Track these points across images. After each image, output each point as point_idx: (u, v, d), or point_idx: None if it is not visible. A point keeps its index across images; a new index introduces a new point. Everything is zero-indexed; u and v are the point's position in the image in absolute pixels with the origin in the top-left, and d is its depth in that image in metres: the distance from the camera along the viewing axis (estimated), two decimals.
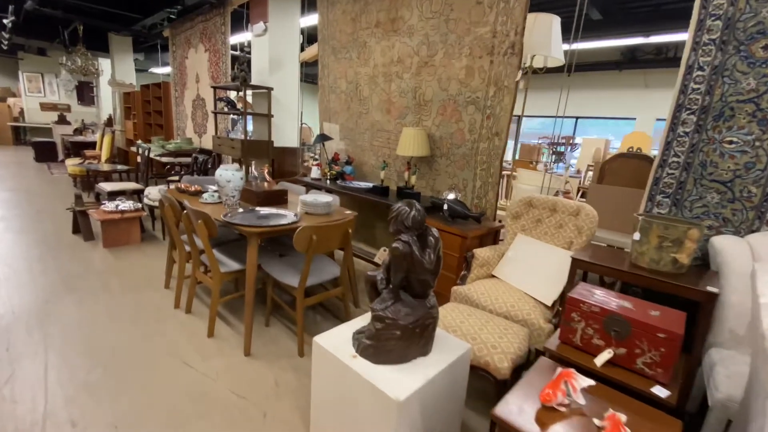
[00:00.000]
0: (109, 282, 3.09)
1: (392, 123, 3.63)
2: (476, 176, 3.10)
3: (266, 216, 2.44)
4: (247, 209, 2.54)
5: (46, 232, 4.19)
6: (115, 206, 3.93)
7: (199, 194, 2.92)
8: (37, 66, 11.85)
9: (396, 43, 3.44)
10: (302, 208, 2.65)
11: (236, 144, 4.48)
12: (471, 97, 3.01)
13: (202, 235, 2.25)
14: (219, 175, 2.49)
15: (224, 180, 2.49)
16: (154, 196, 4.08)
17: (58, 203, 5.43)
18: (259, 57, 4.74)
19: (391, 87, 3.56)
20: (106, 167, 5.82)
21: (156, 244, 4.04)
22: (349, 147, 4.19)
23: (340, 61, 4.02)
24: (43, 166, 8.80)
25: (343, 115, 4.14)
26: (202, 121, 6.44)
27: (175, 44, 6.99)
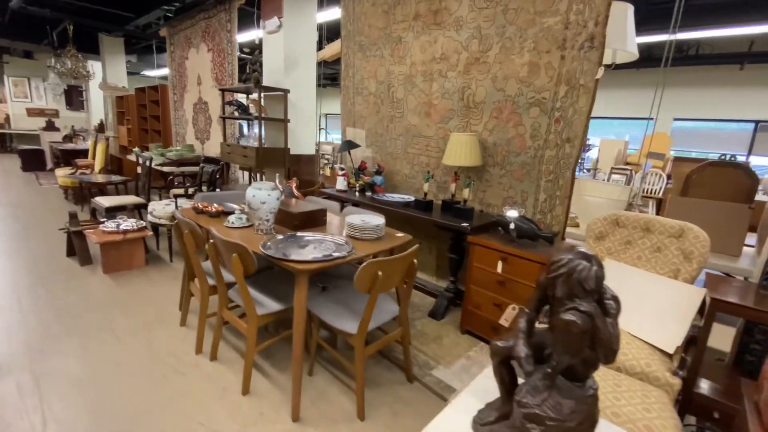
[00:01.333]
0: (113, 318, 2.63)
1: (433, 128, 3.21)
2: (539, 188, 2.69)
3: (311, 244, 2.01)
4: (286, 236, 2.11)
5: (37, 255, 3.70)
6: (116, 225, 3.45)
7: (220, 215, 2.48)
8: (23, 70, 11.24)
9: (439, 37, 3.03)
10: (347, 231, 2.22)
11: (249, 152, 4.03)
12: (535, 98, 2.61)
13: (236, 272, 1.81)
14: (252, 196, 2.05)
15: (258, 201, 2.05)
16: (160, 212, 3.62)
17: (48, 219, 4.93)
18: (273, 56, 4.29)
19: (432, 87, 3.14)
20: (101, 178, 5.33)
21: (163, 268, 3.57)
22: (377, 155, 3.76)
23: (368, 59, 3.60)
24: (31, 175, 8.24)
25: (371, 119, 3.71)
26: (204, 127, 5.97)
27: (174, 44, 6.51)
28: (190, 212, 2.55)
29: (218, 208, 2.49)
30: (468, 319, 2.64)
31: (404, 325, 2.06)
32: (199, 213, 2.52)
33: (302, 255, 1.82)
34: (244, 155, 4.12)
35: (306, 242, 2.04)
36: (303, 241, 2.06)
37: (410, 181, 3.50)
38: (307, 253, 1.87)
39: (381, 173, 3.55)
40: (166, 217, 3.61)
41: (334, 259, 1.78)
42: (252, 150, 4.00)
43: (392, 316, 2.02)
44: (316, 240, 2.09)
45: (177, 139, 6.85)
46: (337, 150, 3.71)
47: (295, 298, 1.78)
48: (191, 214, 2.51)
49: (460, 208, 2.75)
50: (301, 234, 2.15)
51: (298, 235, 2.14)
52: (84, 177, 5.18)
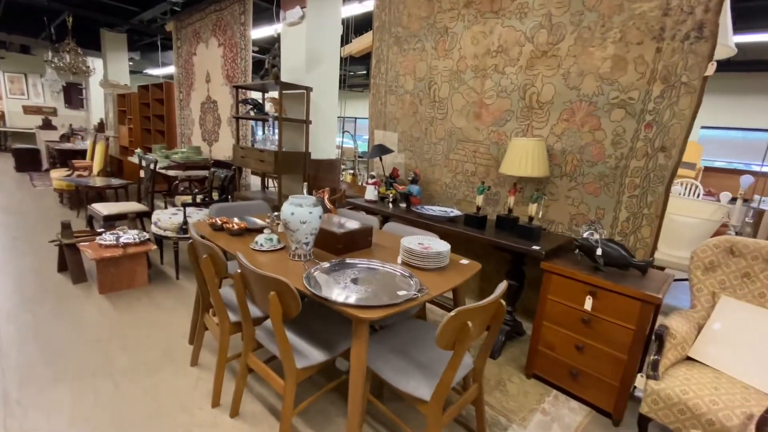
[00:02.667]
0: (111, 355, 2.18)
1: (483, 131, 2.79)
2: (620, 205, 2.27)
3: (365, 276, 1.57)
4: (332, 263, 1.67)
5: (24, 270, 3.25)
6: (115, 238, 3.01)
7: (244, 234, 2.05)
8: (20, 65, 10.82)
9: (496, 27, 2.62)
10: (403, 258, 1.79)
11: (267, 156, 3.60)
12: (619, 98, 2.19)
13: (274, 316, 1.37)
14: (290, 214, 1.62)
15: (296, 221, 1.62)
16: (165, 223, 3.18)
17: (40, 227, 4.48)
18: (293, 50, 3.87)
19: (485, 85, 2.72)
20: (99, 182, 4.89)
21: (168, 287, 3.12)
22: (410, 161, 3.34)
23: (405, 53, 3.18)
24: (25, 176, 7.79)
25: (406, 121, 3.29)
26: (213, 128, 5.54)
27: (181, 39, 6.10)
28: (205, 228, 2.11)
29: (240, 225, 2.05)
30: (537, 361, 2.20)
31: (480, 382, 1.62)
32: (217, 230, 2.09)
33: (359, 294, 1.39)
34: (261, 159, 3.69)
35: (358, 273, 1.61)
36: (353, 271, 1.63)
37: (450, 192, 3.08)
38: (364, 290, 1.44)
39: (417, 182, 3.12)
40: (172, 229, 3.17)
41: (404, 302, 1.35)
42: (270, 154, 3.56)
43: (466, 371, 1.58)
44: (370, 270, 1.65)
45: (182, 140, 6.42)
46: (367, 155, 3.29)
47: (354, 354, 1.35)
48: (207, 230, 2.08)
49: (526, 226, 2.32)
50: (350, 261, 1.72)
51: (347, 262, 1.70)
52: (81, 180, 4.74)
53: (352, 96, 13.79)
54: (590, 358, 1.98)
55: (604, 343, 1.92)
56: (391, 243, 2.11)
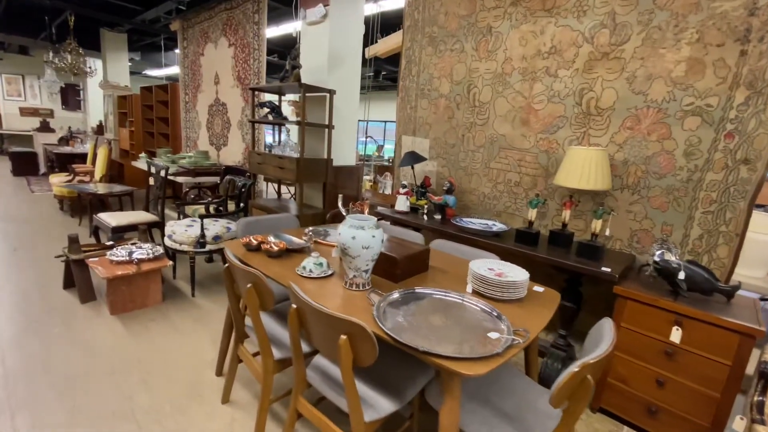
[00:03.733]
0: (130, 391, 1.94)
1: (531, 138, 2.58)
2: (692, 221, 2.06)
3: (441, 311, 1.35)
4: (402, 293, 1.45)
5: (27, 286, 3.00)
6: (128, 253, 2.77)
7: (284, 255, 1.82)
8: (17, 66, 10.53)
9: (548, 27, 2.41)
10: (474, 286, 1.57)
11: (287, 163, 3.38)
12: (694, 104, 1.99)
13: (344, 362, 1.15)
14: (349, 239, 1.40)
15: (358, 246, 1.40)
16: (181, 237, 2.94)
17: (41, 237, 4.22)
18: (314, 51, 3.66)
19: (534, 89, 2.52)
20: (102, 188, 4.63)
21: (184, 305, 2.89)
22: (443, 169, 3.13)
23: (441, 54, 2.97)
24: (22, 181, 7.50)
25: (440, 126, 3.08)
26: (222, 131, 5.30)
27: (187, 39, 5.86)
28: (238, 248, 1.88)
29: (280, 245, 1.82)
30: (605, 393, 1.99)
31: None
32: (252, 250, 1.86)
33: (445, 337, 1.17)
34: (280, 167, 3.46)
35: (433, 307, 1.39)
36: (427, 304, 1.41)
37: (489, 203, 2.87)
38: (447, 331, 1.22)
39: (452, 192, 2.91)
40: (188, 243, 2.93)
41: (506, 350, 1.13)
42: (291, 161, 3.34)
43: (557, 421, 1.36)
44: (444, 302, 1.43)
45: (187, 144, 6.17)
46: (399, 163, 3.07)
47: (444, 414, 1.12)
48: (240, 250, 1.85)
49: (587, 244, 2.11)
50: (420, 291, 1.50)
51: (416, 292, 1.48)
52: (83, 187, 4.48)
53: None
54: (673, 395, 1.77)
55: (691, 379, 1.72)
56: (446, 265, 1.89)
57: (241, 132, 4.91)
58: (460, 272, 1.80)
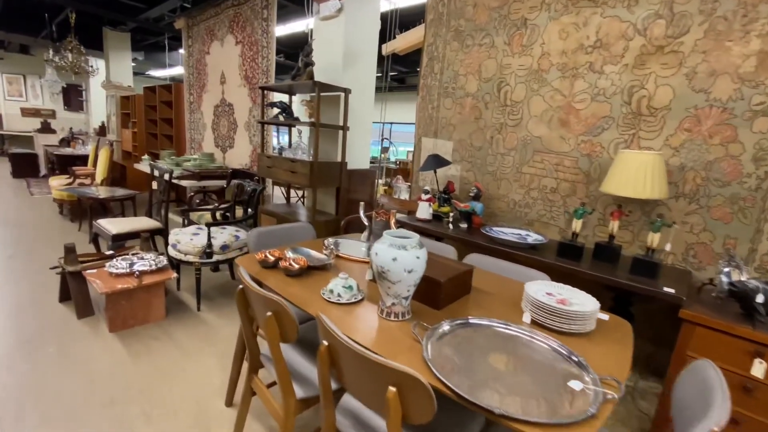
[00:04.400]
0: (132, 425, 1.72)
1: (571, 141, 2.35)
2: (761, 235, 1.83)
3: (502, 350, 1.12)
4: (451, 327, 1.22)
5: (21, 299, 2.78)
6: (128, 265, 2.56)
7: (304, 274, 1.60)
8: (18, 66, 10.36)
9: (593, 18, 2.19)
10: (533, 314, 1.34)
11: (299, 167, 3.16)
12: (766, 104, 1.76)
13: (393, 421, 0.92)
14: (389, 260, 1.17)
15: (399, 270, 1.17)
16: (186, 246, 2.72)
17: (39, 243, 4.01)
18: (328, 48, 3.44)
19: (575, 86, 2.29)
20: (103, 192, 4.43)
21: (188, 321, 2.66)
22: (468, 173, 2.90)
23: (468, 49, 2.74)
24: (22, 183, 7.31)
25: (465, 127, 2.85)
26: (228, 133, 5.09)
27: (192, 37, 5.66)
28: (251, 264, 1.66)
29: (300, 262, 1.60)
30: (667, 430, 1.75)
31: None
32: (268, 267, 1.64)
33: (515, 390, 0.94)
34: (292, 170, 3.24)
35: (490, 341, 1.16)
36: (482, 337, 1.18)
37: (520, 211, 2.64)
38: (515, 376, 0.99)
39: (479, 198, 2.68)
40: (194, 253, 2.71)
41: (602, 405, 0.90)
42: (304, 165, 3.12)
43: None
44: (504, 336, 1.20)
45: (192, 145, 5.97)
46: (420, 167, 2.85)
47: None
48: (255, 267, 1.63)
49: (642, 259, 1.88)
50: (475, 321, 1.27)
51: (470, 322, 1.25)
52: (83, 191, 4.28)
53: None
54: None
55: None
56: (488, 285, 1.66)
57: (249, 133, 4.70)
58: (506, 294, 1.57)
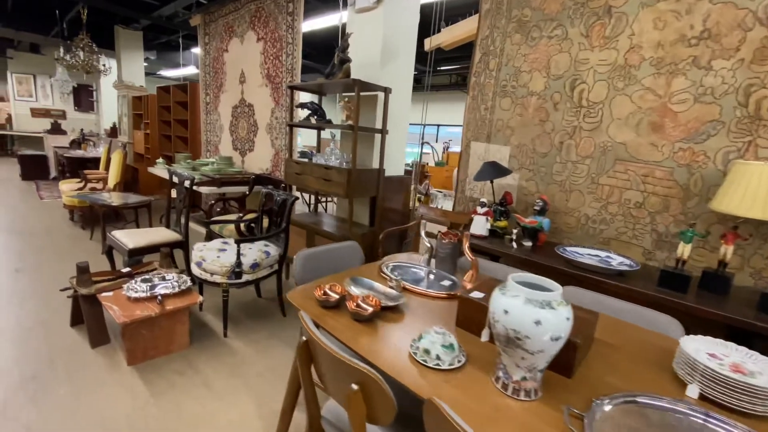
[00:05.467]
0: None
1: (665, 148, 2.01)
2: None
3: None
4: (619, 404, 0.89)
5: (28, 322, 2.49)
6: (149, 287, 2.25)
7: (374, 319, 1.27)
8: (28, 66, 10.18)
9: (699, 4, 1.84)
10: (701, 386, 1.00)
11: (335, 175, 2.84)
12: None
13: None
14: (532, 323, 0.84)
15: (544, 336, 0.84)
16: (213, 265, 2.41)
17: (48, 254, 3.73)
18: (365, 43, 3.12)
19: (674, 85, 1.95)
20: (117, 198, 4.14)
21: (215, 350, 2.35)
22: (528, 183, 2.56)
23: (535, 42, 2.41)
24: (31, 185, 7.08)
25: (527, 131, 2.52)
26: (247, 135, 4.79)
27: (209, 34, 5.37)
28: (307, 302, 1.34)
29: (372, 301, 1.27)
30: None
31: None
32: (328, 307, 1.32)
33: None
34: (326, 178, 2.92)
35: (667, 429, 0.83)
36: (656, 427, 0.85)
37: (594, 228, 2.29)
38: None
39: (544, 212, 2.34)
40: (222, 273, 2.40)
41: None
42: (340, 173, 2.80)
43: None
44: (683, 424, 0.87)
45: (208, 148, 5.68)
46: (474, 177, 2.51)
47: None
48: (312, 308, 1.31)
49: None
50: (646, 400, 0.93)
51: (638, 401, 0.92)
52: (96, 198, 3.99)
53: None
54: None
55: None
56: (607, 333, 1.33)
57: (270, 136, 4.40)
58: (633, 347, 1.24)
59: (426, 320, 1.31)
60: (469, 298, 1.23)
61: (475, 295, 1.24)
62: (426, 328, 1.12)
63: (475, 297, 1.22)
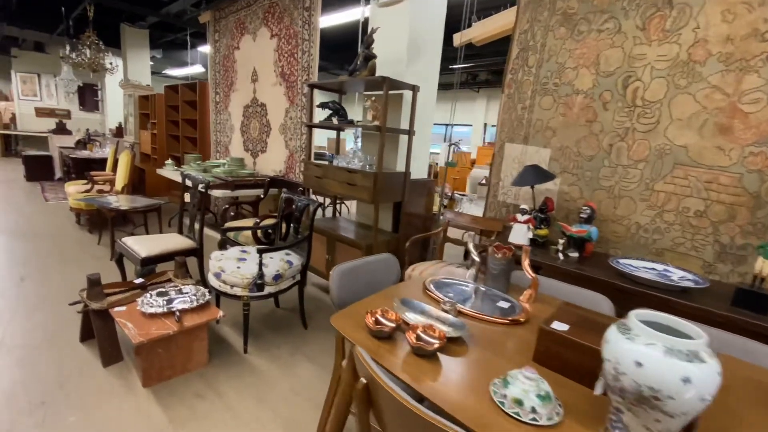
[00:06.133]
0: None
1: (734, 153, 1.83)
2: None
3: None
4: None
5: (34, 338, 2.33)
6: (166, 302, 2.08)
7: (435, 354, 1.10)
8: (33, 65, 10.04)
9: None
10: None
11: (360, 179, 2.67)
12: None
13: None
14: (679, 380, 0.66)
15: (690, 396, 0.66)
16: (233, 277, 2.24)
17: (54, 259, 3.57)
18: (389, 38, 2.95)
19: (744, 82, 1.77)
20: (125, 201, 3.98)
21: (235, 368, 2.19)
22: (570, 188, 2.39)
23: (582, 37, 2.23)
24: (36, 187, 6.94)
25: (570, 132, 2.34)
26: (259, 136, 4.63)
27: (219, 31, 5.20)
28: (358, 334, 1.17)
29: (435, 332, 1.10)
30: None
31: None
32: (381, 337, 1.14)
33: None
34: (350, 182, 2.75)
35: None
36: None
37: (646, 237, 2.12)
38: None
39: (591, 221, 2.16)
40: (243, 285, 2.23)
41: None
42: (365, 177, 2.63)
43: None
44: None
45: (217, 149, 5.52)
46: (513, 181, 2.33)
47: None
48: (367, 341, 1.14)
49: None
50: None
51: None
52: (104, 201, 3.83)
53: None
54: None
55: None
56: None
57: (284, 137, 4.23)
58: (745, 386, 1.06)
59: (494, 353, 1.14)
60: (551, 330, 1.05)
61: (557, 326, 1.06)
62: (499, 363, 0.95)
63: (560, 330, 1.04)
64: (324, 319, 2.80)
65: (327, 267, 3.05)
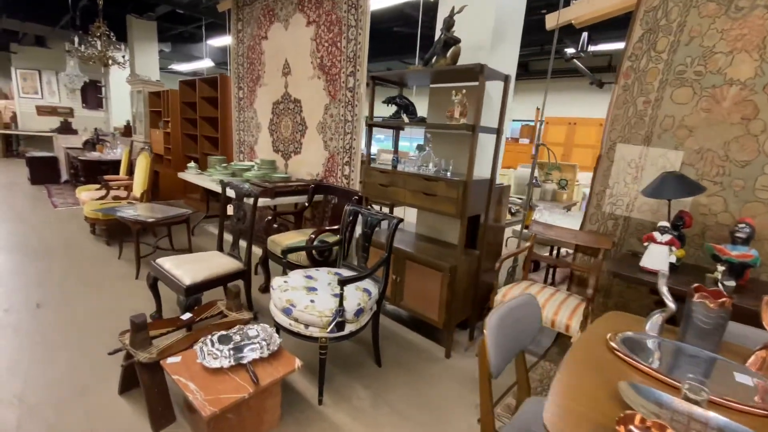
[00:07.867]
0: None
1: None
2: None
3: None
4: None
5: (60, 387, 1.90)
6: (231, 354, 1.66)
7: None
8: (33, 61, 9.54)
9: None
10: None
11: (442, 188, 2.24)
12: None
13: None
14: None
15: None
16: (308, 315, 1.81)
17: (72, 279, 3.14)
18: (472, 19, 2.49)
19: None
20: (144, 211, 3.54)
21: (311, 425, 1.77)
22: (708, 200, 1.96)
23: (741, 14, 1.79)
24: (42, 191, 6.49)
25: (715, 131, 1.91)
26: (293, 135, 4.18)
27: (243, 20, 4.73)
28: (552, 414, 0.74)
29: None
30: None
31: None
32: None
33: None
34: (427, 192, 2.32)
35: None
36: None
37: None
38: None
39: (749, 242, 1.74)
40: (321, 325, 1.80)
41: None
42: (450, 186, 2.19)
43: None
44: None
45: (241, 149, 5.07)
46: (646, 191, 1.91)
47: None
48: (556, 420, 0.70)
49: None
50: None
51: None
52: (126, 213, 3.38)
53: None
54: None
55: None
56: None
57: (323, 137, 3.78)
58: None
59: None
60: None
61: None
62: None
63: None
64: (393, 353, 2.39)
65: (393, 289, 2.62)
